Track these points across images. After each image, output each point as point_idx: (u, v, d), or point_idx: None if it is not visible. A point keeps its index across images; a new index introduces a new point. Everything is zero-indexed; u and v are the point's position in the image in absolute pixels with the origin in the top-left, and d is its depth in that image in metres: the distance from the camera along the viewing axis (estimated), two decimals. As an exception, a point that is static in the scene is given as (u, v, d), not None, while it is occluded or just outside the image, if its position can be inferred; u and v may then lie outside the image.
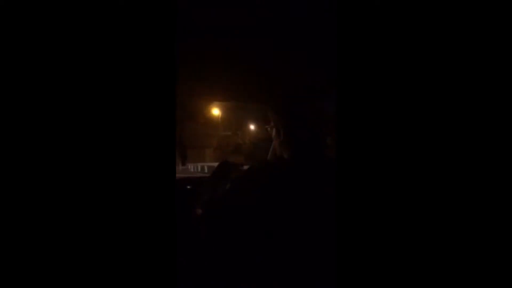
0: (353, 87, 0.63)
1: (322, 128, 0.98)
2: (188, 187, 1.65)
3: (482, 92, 0.58)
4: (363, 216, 0.62)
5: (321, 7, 1.02)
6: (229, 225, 0.92)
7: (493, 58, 0.58)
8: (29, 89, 0.59)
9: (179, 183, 1.67)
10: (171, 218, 0.64)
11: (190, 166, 7.58)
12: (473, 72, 0.59)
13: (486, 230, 0.58)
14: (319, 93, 0.99)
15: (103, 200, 0.61)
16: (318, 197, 0.88)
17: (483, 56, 0.59)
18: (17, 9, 0.58)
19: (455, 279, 0.58)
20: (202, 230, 1.03)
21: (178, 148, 1.64)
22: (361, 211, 0.62)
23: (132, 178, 0.62)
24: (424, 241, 0.59)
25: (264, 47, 1.30)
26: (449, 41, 0.60)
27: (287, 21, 1.14)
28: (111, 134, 0.61)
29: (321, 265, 0.81)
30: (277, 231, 0.88)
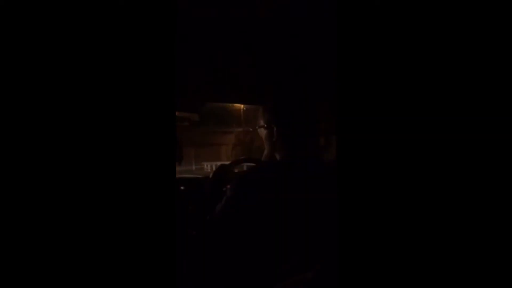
0: (353, 87, 0.63)
1: (316, 129, 0.99)
2: (182, 187, 1.66)
3: (482, 93, 0.58)
4: (365, 217, 0.62)
5: (321, 7, 1.02)
6: (228, 226, 0.92)
7: (493, 58, 0.58)
8: (29, 90, 0.59)
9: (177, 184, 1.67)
10: (171, 218, 0.64)
11: (207, 166, 7.32)
12: (474, 72, 0.59)
13: (485, 232, 0.58)
14: (316, 92, 0.99)
15: (102, 200, 0.61)
16: (314, 198, 0.88)
17: (483, 57, 0.59)
18: (17, 9, 0.58)
19: (455, 280, 0.58)
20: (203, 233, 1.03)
21: None
22: (363, 212, 0.62)
23: (131, 178, 0.62)
24: (426, 241, 0.59)
25: (263, 47, 1.30)
26: (450, 41, 0.60)
27: (287, 21, 1.14)
28: (110, 134, 0.61)
29: (323, 265, 0.82)
30: (276, 231, 0.88)
